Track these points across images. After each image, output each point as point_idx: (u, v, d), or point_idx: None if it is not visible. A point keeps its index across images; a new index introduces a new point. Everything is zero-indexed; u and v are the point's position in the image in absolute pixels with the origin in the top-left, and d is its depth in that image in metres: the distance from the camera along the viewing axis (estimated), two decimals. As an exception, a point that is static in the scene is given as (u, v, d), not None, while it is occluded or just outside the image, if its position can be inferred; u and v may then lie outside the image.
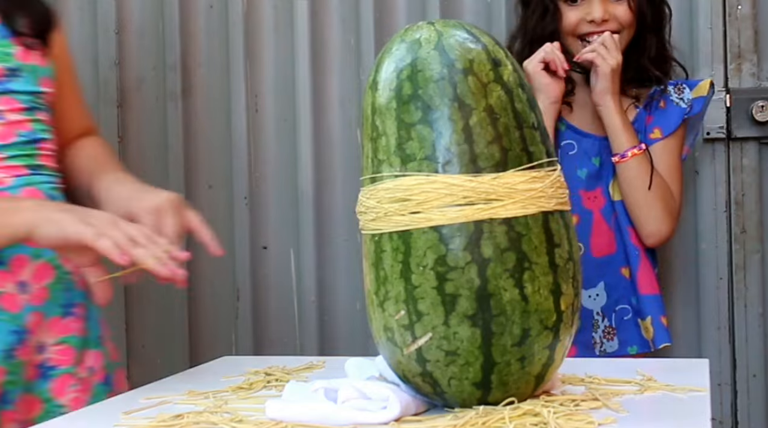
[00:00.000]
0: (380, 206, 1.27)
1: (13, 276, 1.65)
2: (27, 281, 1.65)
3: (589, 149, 2.15)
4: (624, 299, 2.14)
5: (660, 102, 2.16)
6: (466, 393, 1.27)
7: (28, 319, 1.65)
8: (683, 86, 2.17)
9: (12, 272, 1.64)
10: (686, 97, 2.16)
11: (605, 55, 2.05)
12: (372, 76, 1.31)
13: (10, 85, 1.69)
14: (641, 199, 2.10)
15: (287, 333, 2.46)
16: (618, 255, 2.15)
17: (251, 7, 2.47)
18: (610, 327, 2.13)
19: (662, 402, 1.34)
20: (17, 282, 1.65)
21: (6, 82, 1.68)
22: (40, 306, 1.66)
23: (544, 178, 1.28)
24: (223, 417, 1.28)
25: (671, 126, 2.15)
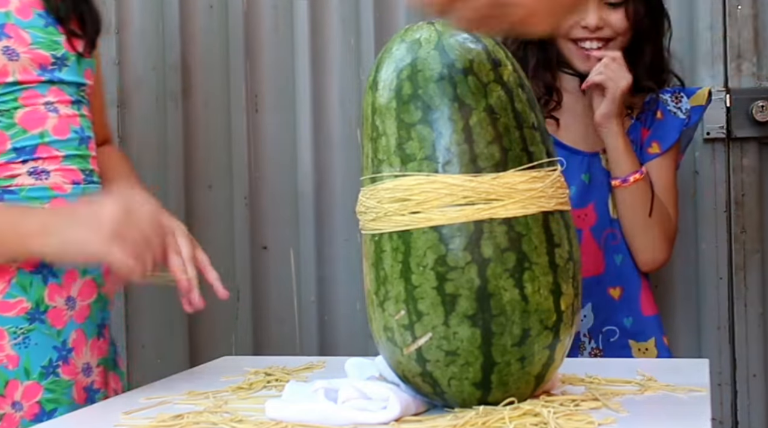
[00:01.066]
0: (380, 206, 1.27)
1: (64, 291, 1.61)
2: (75, 297, 1.62)
3: (579, 166, 2.05)
4: (611, 320, 2.05)
5: (656, 112, 2.08)
6: (466, 393, 1.27)
7: (71, 337, 1.61)
8: (681, 95, 2.10)
9: (63, 287, 1.61)
10: (684, 107, 2.08)
11: (614, 77, 1.97)
12: (372, 76, 1.32)
13: (58, 74, 1.65)
14: (639, 225, 2.03)
15: (287, 333, 2.46)
16: (606, 275, 2.06)
17: (251, 7, 2.47)
18: (597, 349, 2.05)
19: (662, 402, 1.34)
20: (66, 297, 1.61)
21: (54, 71, 1.64)
22: (82, 324, 1.63)
23: (544, 177, 1.27)
24: (223, 417, 1.28)
25: (670, 139, 2.07)
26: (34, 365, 1.57)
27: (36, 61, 1.62)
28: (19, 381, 1.56)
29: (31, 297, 1.57)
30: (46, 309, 1.58)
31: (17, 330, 1.57)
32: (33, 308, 1.57)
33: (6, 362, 1.56)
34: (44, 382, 1.58)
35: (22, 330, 1.57)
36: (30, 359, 1.57)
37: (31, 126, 1.60)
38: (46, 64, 1.63)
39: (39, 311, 1.58)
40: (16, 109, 1.60)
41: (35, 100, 1.62)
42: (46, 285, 1.59)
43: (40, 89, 1.62)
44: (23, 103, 1.60)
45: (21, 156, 1.59)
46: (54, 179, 1.61)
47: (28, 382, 1.57)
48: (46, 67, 1.63)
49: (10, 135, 1.59)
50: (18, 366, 1.56)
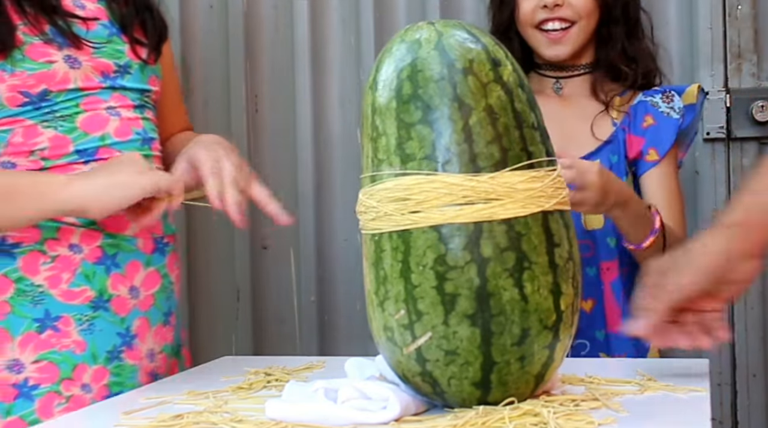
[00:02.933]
0: (380, 206, 1.27)
1: (127, 281, 1.68)
2: (138, 287, 1.69)
3: None
4: (583, 334, 1.94)
5: (642, 120, 1.98)
6: (466, 393, 1.27)
7: (135, 324, 1.68)
8: (672, 94, 2.00)
9: (126, 276, 1.67)
10: (677, 106, 1.99)
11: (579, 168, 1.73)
12: (372, 76, 1.32)
13: (121, 81, 1.71)
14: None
15: (287, 333, 2.46)
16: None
17: (251, 7, 2.47)
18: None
19: (662, 402, 1.34)
20: (130, 287, 1.68)
21: (117, 78, 1.71)
22: (146, 312, 1.70)
23: (543, 177, 1.28)
24: (223, 417, 1.29)
25: (666, 143, 1.97)
26: (99, 350, 1.65)
27: (98, 69, 1.69)
28: (87, 365, 1.65)
29: (94, 286, 1.65)
30: (109, 298, 1.66)
31: (82, 317, 1.65)
32: (97, 297, 1.65)
33: (73, 347, 1.64)
34: (110, 366, 1.66)
35: (87, 317, 1.65)
36: (96, 344, 1.65)
37: (92, 129, 1.67)
38: (108, 71, 1.70)
39: (102, 299, 1.66)
40: (77, 113, 1.67)
41: (97, 105, 1.68)
42: (109, 275, 1.66)
43: (103, 95, 1.69)
44: (84, 108, 1.67)
45: (83, 157, 1.67)
46: None
47: (95, 366, 1.65)
48: (109, 75, 1.70)
49: (72, 138, 1.66)
50: (85, 351, 1.65)
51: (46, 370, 1.62)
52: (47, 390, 1.62)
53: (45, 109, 1.64)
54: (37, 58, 1.64)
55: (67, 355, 1.63)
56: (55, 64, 1.65)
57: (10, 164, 1.63)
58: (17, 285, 1.63)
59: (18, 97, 1.63)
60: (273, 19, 2.47)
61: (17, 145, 1.63)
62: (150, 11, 1.78)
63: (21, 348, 1.62)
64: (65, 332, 1.63)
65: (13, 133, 1.63)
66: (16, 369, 1.61)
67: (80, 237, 1.65)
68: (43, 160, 1.64)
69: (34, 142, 1.64)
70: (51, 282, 1.64)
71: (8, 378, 1.61)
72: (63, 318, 1.63)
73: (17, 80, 1.62)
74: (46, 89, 1.64)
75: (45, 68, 1.64)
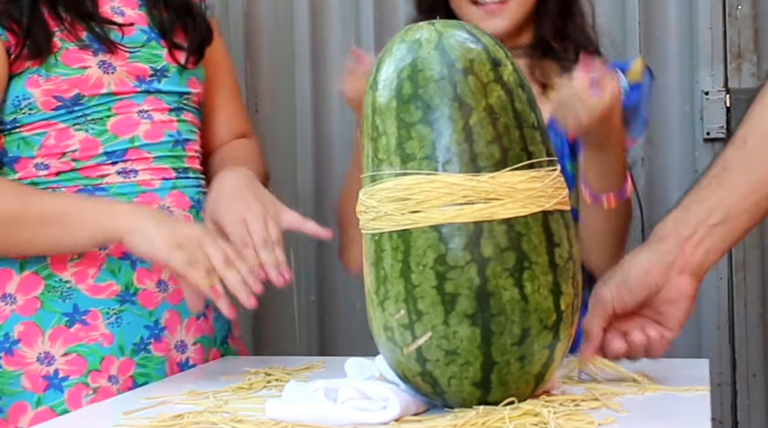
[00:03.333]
0: (380, 205, 1.27)
1: (154, 275, 1.71)
2: (166, 281, 1.72)
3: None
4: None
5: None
6: (466, 393, 1.27)
7: (164, 316, 1.72)
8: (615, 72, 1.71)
9: (153, 271, 1.70)
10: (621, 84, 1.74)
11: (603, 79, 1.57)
12: (372, 76, 1.32)
13: (156, 84, 1.74)
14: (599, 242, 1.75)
15: (287, 333, 2.46)
16: None
17: (251, 7, 2.47)
18: None
19: (662, 402, 1.34)
20: (157, 281, 1.71)
21: (152, 82, 1.74)
22: (176, 305, 1.72)
23: (543, 177, 1.28)
24: (223, 417, 1.28)
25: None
26: (127, 342, 1.69)
27: (133, 74, 1.73)
28: (115, 357, 1.68)
29: (120, 280, 1.70)
30: (135, 292, 1.70)
31: (109, 311, 1.69)
32: (123, 290, 1.69)
33: (101, 340, 1.68)
34: (136, 358, 1.69)
35: (114, 311, 1.69)
36: (123, 337, 1.69)
37: (122, 132, 1.71)
38: (144, 75, 1.74)
39: (129, 293, 1.70)
40: (109, 117, 1.71)
41: (129, 109, 1.72)
42: (134, 270, 1.70)
43: (136, 99, 1.73)
44: (116, 111, 1.71)
45: (111, 158, 1.71)
46: (142, 177, 1.73)
47: (122, 358, 1.68)
48: (144, 79, 1.74)
49: (102, 141, 1.70)
50: (113, 344, 1.68)
51: (74, 363, 1.66)
52: (76, 382, 1.66)
53: (77, 112, 1.68)
54: (72, 64, 1.68)
55: (94, 348, 1.67)
56: (89, 69, 1.69)
57: (43, 166, 1.69)
58: (47, 282, 1.68)
59: (52, 101, 1.67)
60: (273, 19, 2.48)
61: (50, 148, 1.69)
62: (192, 16, 1.81)
63: (51, 341, 1.66)
64: (93, 326, 1.67)
65: (46, 136, 1.69)
66: (46, 362, 1.66)
67: None
68: (74, 162, 1.69)
69: (66, 144, 1.69)
70: (78, 277, 1.68)
71: (39, 370, 1.66)
72: (91, 312, 1.68)
73: (51, 85, 1.67)
74: (79, 94, 1.68)
75: (79, 74, 1.68)
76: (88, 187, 1.69)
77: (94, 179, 1.70)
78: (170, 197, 1.74)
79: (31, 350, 1.66)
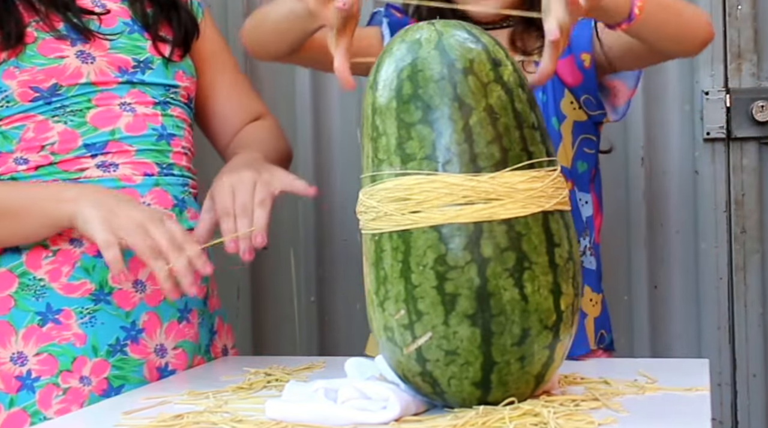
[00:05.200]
0: (380, 206, 1.27)
1: (131, 274, 1.67)
2: (144, 281, 1.69)
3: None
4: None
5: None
6: (466, 393, 1.27)
7: (141, 318, 1.69)
8: None
9: (130, 270, 1.66)
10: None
11: None
12: (372, 76, 1.32)
13: (140, 76, 1.72)
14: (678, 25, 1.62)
15: (287, 333, 2.46)
16: None
17: (251, 7, 2.47)
18: None
19: (662, 402, 1.34)
20: (134, 280, 1.69)
21: (135, 73, 1.72)
22: (155, 307, 1.70)
23: (544, 177, 1.28)
24: (223, 417, 1.28)
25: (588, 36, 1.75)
26: (101, 343, 1.66)
27: (114, 64, 1.70)
28: (88, 357, 1.65)
29: (94, 279, 1.67)
30: (110, 291, 1.67)
31: (83, 310, 1.66)
32: (97, 289, 1.67)
33: (74, 340, 1.65)
34: (111, 359, 1.67)
35: (88, 310, 1.66)
36: (97, 337, 1.66)
37: (102, 124, 1.69)
38: (126, 67, 1.71)
39: (103, 292, 1.67)
40: (89, 109, 1.69)
41: (110, 101, 1.70)
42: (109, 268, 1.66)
43: (118, 91, 1.71)
44: (97, 103, 1.69)
45: (91, 151, 1.68)
46: (123, 171, 1.70)
47: (96, 359, 1.66)
48: (126, 70, 1.71)
49: (81, 133, 1.68)
50: (86, 344, 1.65)
51: (46, 362, 1.64)
52: (47, 382, 1.63)
53: (56, 103, 1.66)
54: (48, 54, 1.66)
55: (66, 348, 1.64)
56: (66, 59, 1.67)
57: (22, 160, 1.67)
58: (21, 280, 1.66)
59: (29, 92, 1.65)
60: (273, 19, 2.47)
61: (29, 141, 1.66)
62: (176, 9, 1.80)
63: (24, 341, 1.64)
64: (66, 325, 1.65)
65: (25, 129, 1.66)
66: (19, 362, 1.64)
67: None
68: (53, 155, 1.67)
69: (45, 136, 1.67)
70: (51, 275, 1.66)
71: (12, 370, 1.64)
72: (64, 311, 1.65)
73: (27, 76, 1.65)
74: (57, 84, 1.66)
75: (55, 63, 1.66)
76: (67, 180, 1.67)
77: (74, 173, 1.67)
78: (151, 194, 1.71)
79: (5, 350, 1.64)
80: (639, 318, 2.36)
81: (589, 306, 1.81)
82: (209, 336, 1.80)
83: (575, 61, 1.79)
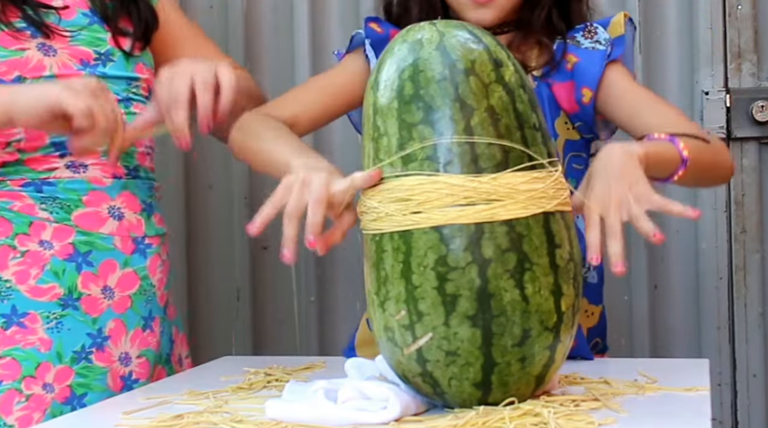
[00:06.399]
0: (381, 206, 1.27)
1: (100, 280, 1.65)
2: (112, 287, 1.66)
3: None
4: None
5: (565, 61, 1.74)
6: (466, 394, 1.27)
7: (108, 325, 1.66)
8: (594, 27, 1.76)
9: (99, 276, 1.65)
10: (602, 38, 1.75)
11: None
12: (374, 76, 1.32)
13: (102, 69, 1.69)
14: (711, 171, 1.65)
15: (287, 333, 2.46)
16: None
17: (251, 7, 2.47)
18: None
19: (662, 402, 1.34)
20: (102, 286, 1.66)
21: (97, 66, 1.69)
22: (122, 314, 1.67)
23: (545, 178, 1.28)
24: (223, 417, 1.28)
25: (596, 74, 1.73)
26: (66, 350, 1.63)
27: (76, 57, 1.67)
28: (52, 364, 1.62)
29: (63, 283, 1.63)
30: (79, 297, 1.64)
31: (50, 315, 1.62)
32: (66, 294, 1.63)
33: (38, 345, 1.61)
34: (76, 367, 1.63)
35: (54, 315, 1.63)
36: (62, 343, 1.62)
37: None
38: (87, 59, 1.68)
39: (72, 298, 1.63)
40: None
41: None
42: (80, 273, 1.64)
43: None
44: None
45: (59, 150, 1.65)
46: (92, 172, 1.67)
47: (60, 366, 1.62)
48: (88, 63, 1.68)
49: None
50: (50, 350, 1.62)
51: (8, 367, 1.60)
52: (8, 387, 1.60)
53: None
54: (9, 46, 1.63)
55: (30, 353, 1.61)
56: (28, 51, 1.64)
57: None
58: None
59: None
60: (273, 19, 2.47)
61: None
62: (135, 2, 1.76)
63: None
64: (31, 329, 1.62)
65: None
66: None
67: (52, 234, 1.63)
68: (19, 152, 1.64)
69: (11, 132, 1.63)
70: (19, 277, 1.62)
71: None
72: (30, 315, 1.62)
73: None
74: (20, 76, 1.63)
75: (17, 56, 1.63)
76: (35, 180, 1.64)
77: (42, 172, 1.64)
78: (121, 197, 1.69)
79: None
80: (639, 318, 2.36)
81: (583, 317, 1.79)
82: (169, 346, 1.77)
83: (575, 92, 1.75)
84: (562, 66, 1.75)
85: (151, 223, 1.73)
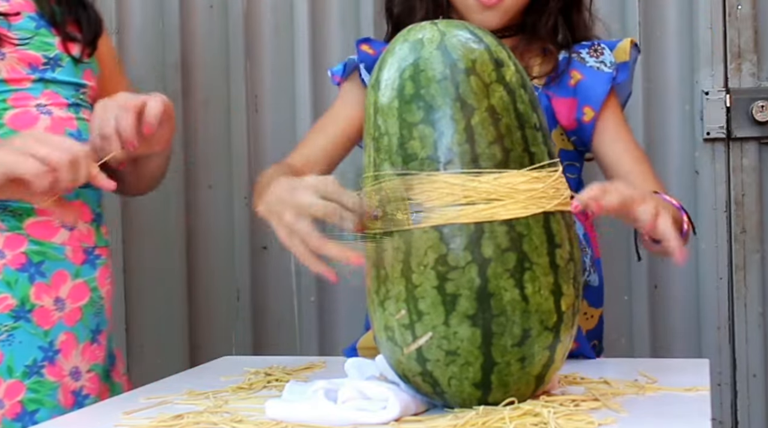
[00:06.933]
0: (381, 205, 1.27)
1: (53, 291, 1.61)
2: (63, 298, 1.62)
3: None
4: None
5: (569, 77, 1.76)
6: (466, 393, 1.27)
7: (59, 338, 1.62)
8: (601, 47, 1.79)
9: (51, 286, 1.61)
10: (608, 60, 1.78)
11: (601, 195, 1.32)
12: (374, 76, 1.32)
13: (51, 73, 1.66)
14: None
15: (287, 333, 2.46)
16: None
17: (251, 7, 2.47)
18: None
19: (662, 402, 1.34)
20: (55, 298, 1.62)
21: (46, 71, 1.65)
22: (72, 327, 1.63)
23: (545, 178, 1.28)
24: (223, 417, 1.28)
25: (600, 95, 1.75)
26: (17, 363, 1.58)
27: (25, 61, 1.63)
28: (2, 378, 1.57)
29: (16, 294, 1.58)
30: (32, 308, 1.59)
31: (1, 327, 1.57)
32: (18, 306, 1.58)
33: None
34: (27, 381, 1.58)
35: (6, 328, 1.57)
36: (14, 357, 1.57)
37: (21, 126, 1.61)
38: (36, 63, 1.65)
39: (24, 309, 1.58)
40: (5, 110, 1.61)
41: (26, 101, 1.62)
42: (32, 284, 1.59)
43: (33, 92, 1.63)
44: (13, 104, 1.62)
45: None
46: None
47: (10, 380, 1.57)
48: (37, 67, 1.65)
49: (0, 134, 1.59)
50: (1, 364, 1.57)
51: None
52: None
53: None
54: None
55: None
56: None
57: None
58: None
59: None
60: (273, 19, 2.47)
61: None
62: (84, 7, 1.74)
63: None
64: None
65: None
66: None
67: (4, 242, 1.58)
68: None
69: None
70: None
71: None
72: None
73: None
74: None
75: None
76: None
77: None
78: (74, 206, 1.63)
79: None
80: (639, 318, 2.36)
81: (582, 319, 1.79)
82: (111, 361, 1.74)
83: (576, 110, 1.76)
84: (565, 81, 1.77)
85: (100, 234, 1.70)
